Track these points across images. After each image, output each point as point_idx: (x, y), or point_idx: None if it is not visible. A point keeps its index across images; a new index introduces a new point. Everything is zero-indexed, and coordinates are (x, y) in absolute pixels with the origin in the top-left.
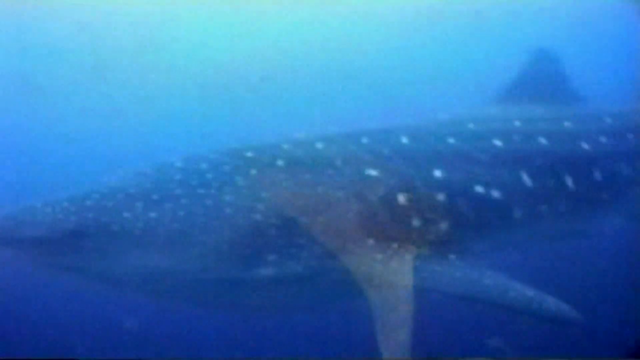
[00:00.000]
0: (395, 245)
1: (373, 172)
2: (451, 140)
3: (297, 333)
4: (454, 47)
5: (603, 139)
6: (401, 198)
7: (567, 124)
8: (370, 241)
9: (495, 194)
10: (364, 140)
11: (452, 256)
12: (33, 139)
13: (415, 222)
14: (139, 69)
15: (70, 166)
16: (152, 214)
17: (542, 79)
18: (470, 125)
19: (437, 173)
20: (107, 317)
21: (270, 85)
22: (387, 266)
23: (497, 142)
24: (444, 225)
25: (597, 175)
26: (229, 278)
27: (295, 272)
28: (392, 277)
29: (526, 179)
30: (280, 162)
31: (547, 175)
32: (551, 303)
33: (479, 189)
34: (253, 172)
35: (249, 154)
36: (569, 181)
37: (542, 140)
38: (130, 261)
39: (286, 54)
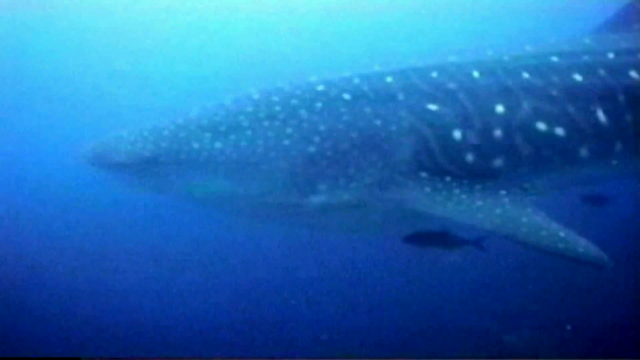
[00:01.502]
0: (447, 178)
1: (433, 107)
2: (525, 75)
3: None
4: None
5: None
6: (457, 133)
7: None
8: (423, 174)
9: (560, 131)
10: (434, 74)
11: (502, 192)
12: None
13: (469, 157)
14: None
15: None
16: (218, 144)
17: None
18: (554, 58)
19: (500, 108)
20: (107, 316)
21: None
22: (432, 199)
23: (577, 77)
24: (498, 162)
25: None
26: (285, 204)
27: (345, 201)
28: (435, 209)
29: (601, 116)
30: (346, 96)
31: (629, 113)
32: (582, 246)
33: (542, 126)
34: (318, 105)
35: (320, 87)
36: None
37: (634, 74)
38: (199, 186)
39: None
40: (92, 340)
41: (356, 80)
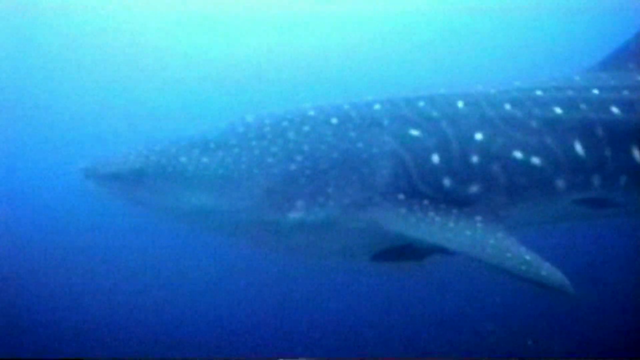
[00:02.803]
0: (425, 202)
1: (414, 132)
2: (507, 106)
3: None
4: None
5: None
6: (435, 158)
7: None
8: (400, 196)
9: (536, 161)
10: (420, 103)
11: (477, 217)
12: None
13: (446, 182)
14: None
15: None
16: (204, 159)
17: None
18: (538, 92)
19: (479, 136)
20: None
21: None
22: (407, 220)
23: (558, 110)
24: (474, 188)
25: None
26: (262, 220)
27: (322, 220)
28: (407, 229)
29: (579, 149)
30: (333, 120)
31: (608, 147)
32: (545, 270)
33: (518, 154)
34: (305, 128)
35: (311, 112)
36: (637, 156)
37: (615, 110)
38: (184, 199)
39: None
40: (91, 341)
41: (346, 107)
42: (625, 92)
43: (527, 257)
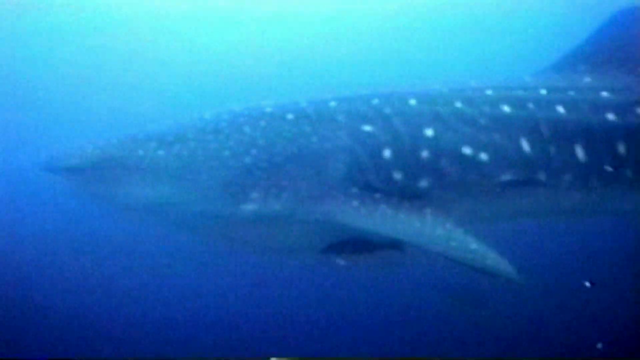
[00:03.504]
0: (377, 195)
1: (367, 128)
2: (458, 104)
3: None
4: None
5: (639, 111)
6: (386, 152)
7: (604, 94)
8: (354, 189)
9: (484, 157)
10: (375, 100)
11: (428, 210)
12: None
13: (397, 176)
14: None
15: None
16: (161, 152)
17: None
18: (489, 92)
19: (429, 132)
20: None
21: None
22: (358, 212)
23: (506, 109)
24: (424, 182)
25: (621, 149)
26: (218, 212)
27: (276, 211)
28: (359, 221)
29: (526, 146)
30: (289, 116)
31: (554, 146)
32: (491, 259)
33: (467, 150)
34: (262, 123)
35: (268, 109)
36: (580, 153)
37: (560, 110)
38: (141, 192)
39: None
40: (90, 341)
41: (302, 104)
42: (572, 93)
43: (473, 247)
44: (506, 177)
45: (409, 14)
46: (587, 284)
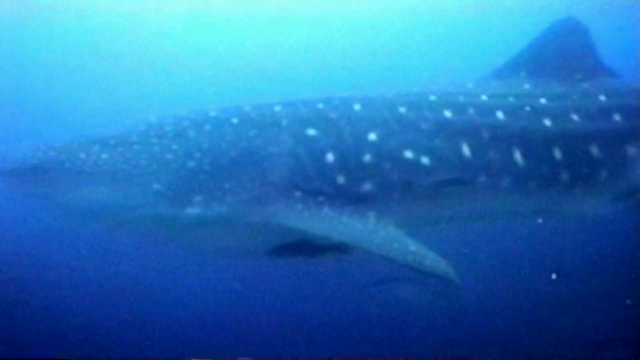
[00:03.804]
0: (320, 198)
1: (311, 132)
2: (401, 109)
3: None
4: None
5: (575, 117)
6: (330, 156)
7: (542, 100)
8: (297, 193)
9: (425, 161)
10: (319, 105)
11: (371, 213)
12: None
13: (340, 180)
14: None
15: None
16: (104, 155)
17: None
18: (432, 97)
19: (372, 136)
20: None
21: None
22: (301, 215)
23: (448, 113)
24: (367, 185)
25: (558, 155)
26: (161, 215)
27: (219, 215)
28: (302, 224)
29: (466, 150)
30: (234, 120)
31: (493, 150)
32: (430, 259)
33: (409, 154)
34: (207, 127)
35: (213, 113)
36: (519, 158)
37: (500, 115)
38: (83, 195)
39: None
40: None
41: (247, 108)
42: (511, 99)
43: (413, 248)
44: (447, 180)
45: (413, 14)
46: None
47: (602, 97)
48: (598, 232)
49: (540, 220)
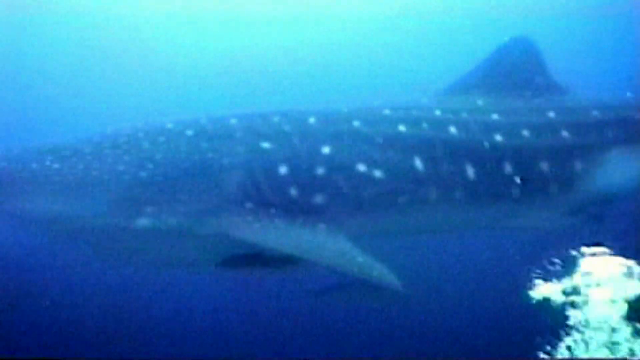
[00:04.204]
0: (272, 210)
1: (265, 145)
2: (356, 123)
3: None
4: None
5: (526, 133)
6: (282, 169)
7: (495, 116)
8: (249, 204)
9: (378, 174)
10: (275, 118)
11: (321, 225)
12: None
13: (292, 192)
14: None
15: None
16: (56, 166)
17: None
18: (386, 111)
19: (326, 149)
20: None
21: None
22: (252, 227)
23: (402, 128)
24: (319, 198)
25: (508, 169)
26: (113, 226)
27: (170, 226)
28: (252, 236)
29: (419, 164)
30: (189, 132)
31: (445, 164)
32: (377, 270)
33: (362, 167)
34: (161, 139)
35: (169, 125)
36: (471, 172)
37: (452, 130)
38: (35, 205)
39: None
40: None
41: (203, 121)
42: (464, 114)
43: (360, 260)
44: (400, 193)
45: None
46: None
47: (552, 114)
48: None
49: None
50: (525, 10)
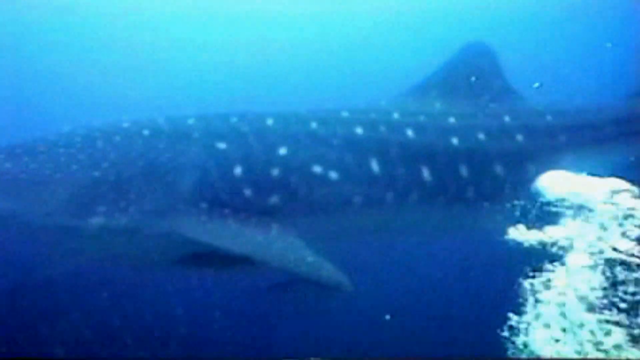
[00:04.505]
0: (226, 211)
1: (221, 145)
2: (313, 125)
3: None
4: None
5: (482, 136)
6: (237, 170)
7: (451, 119)
8: (203, 204)
9: (333, 175)
10: (233, 119)
11: (275, 225)
12: None
13: (247, 192)
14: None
15: None
16: (7, 164)
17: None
18: (344, 113)
19: (282, 150)
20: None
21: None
22: (204, 227)
23: (359, 130)
24: (274, 199)
25: (463, 172)
26: (65, 224)
27: (121, 224)
28: (204, 236)
29: (375, 166)
30: (145, 132)
31: (401, 167)
32: (326, 270)
33: (317, 169)
34: (116, 138)
35: (126, 125)
36: (426, 174)
37: (409, 133)
38: None
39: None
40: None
41: (160, 121)
42: (422, 117)
43: (310, 259)
44: (355, 195)
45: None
46: None
47: (507, 118)
48: None
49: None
50: None
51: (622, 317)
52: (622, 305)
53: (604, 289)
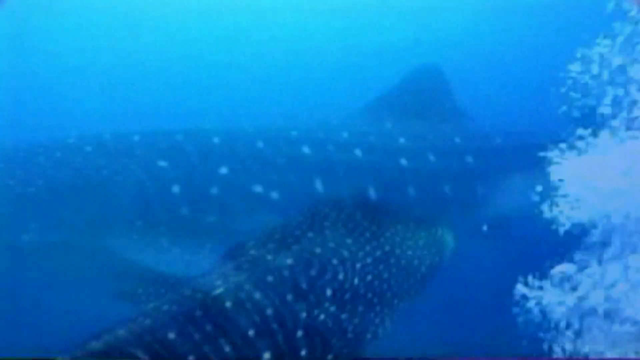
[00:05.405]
0: (162, 229)
1: (162, 163)
2: (259, 144)
3: None
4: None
5: (431, 157)
6: (176, 188)
7: (401, 140)
8: (138, 222)
9: (275, 195)
10: (178, 137)
11: (208, 245)
12: None
13: (184, 211)
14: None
15: None
16: None
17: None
18: (293, 133)
19: (224, 170)
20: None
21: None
22: (136, 246)
23: (306, 149)
24: (212, 217)
25: (411, 192)
26: None
27: (53, 241)
28: (134, 255)
29: (319, 186)
30: (88, 148)
31: (347, 186)
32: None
33: (258, 188)
34: (57, 154)
35: (71, 140)
36: (372, 194)
37: (357, 152)
38: None
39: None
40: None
41: (106, 137)
42: (372, 137)
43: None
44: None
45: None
46: None
47: (457, 139)
48: None
49: None
50: None
51: None
52: None
53: None
